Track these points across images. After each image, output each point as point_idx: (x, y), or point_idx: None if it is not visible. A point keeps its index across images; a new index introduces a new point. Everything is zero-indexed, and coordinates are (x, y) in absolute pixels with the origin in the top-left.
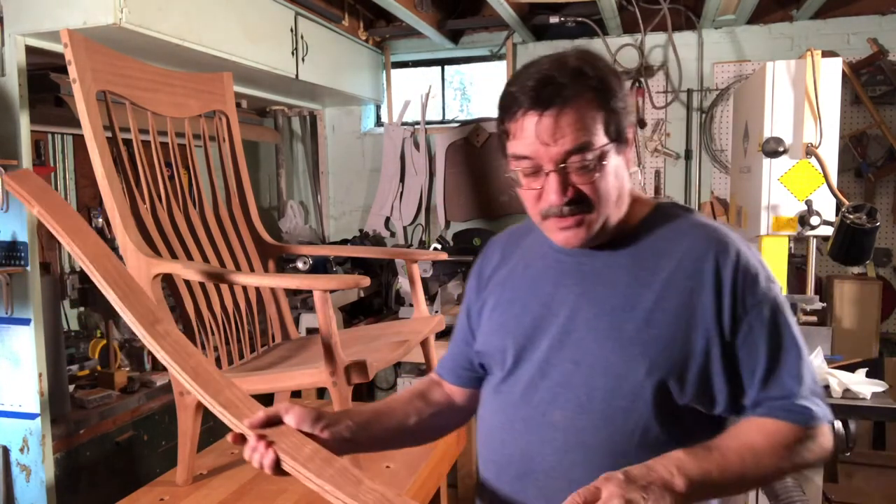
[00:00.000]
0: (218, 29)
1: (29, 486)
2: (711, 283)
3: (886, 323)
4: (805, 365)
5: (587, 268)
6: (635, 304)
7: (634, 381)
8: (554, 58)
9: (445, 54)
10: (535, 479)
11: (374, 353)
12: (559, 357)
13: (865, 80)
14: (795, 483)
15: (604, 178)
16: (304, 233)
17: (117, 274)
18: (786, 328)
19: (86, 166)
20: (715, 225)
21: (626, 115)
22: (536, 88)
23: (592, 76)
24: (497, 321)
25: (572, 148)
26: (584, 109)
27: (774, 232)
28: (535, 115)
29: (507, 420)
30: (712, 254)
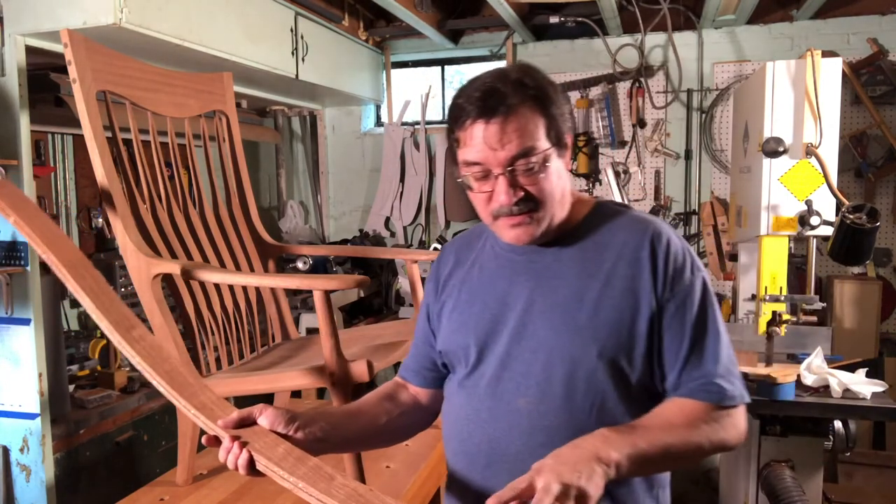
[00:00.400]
0: (218, 29)
1: (29, 486)
2: (649, 267)
3: (886, 323)
4: (723, 346)
5: (538, 265)
6: (584, 294)
7: (588, 364)
8: (496, 72)
9: (445, 54)
10: (505, 464)
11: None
12: (519, 348)
13: (865, 80)
14: (795, 483)
15: (547, 179)
16: (304, 233)
17: (93, 281)
18: (709, 312)
19: (86, 166)
20: (649, 218)
21: (563, 121)
22: (483, 99)
23: (532, 86)
24: (457, 321)
25: (518, 152)
26: (526, 117)
27: (774, 232)
28: (482, 124)
29: (473, 412)
30: (648, 242)
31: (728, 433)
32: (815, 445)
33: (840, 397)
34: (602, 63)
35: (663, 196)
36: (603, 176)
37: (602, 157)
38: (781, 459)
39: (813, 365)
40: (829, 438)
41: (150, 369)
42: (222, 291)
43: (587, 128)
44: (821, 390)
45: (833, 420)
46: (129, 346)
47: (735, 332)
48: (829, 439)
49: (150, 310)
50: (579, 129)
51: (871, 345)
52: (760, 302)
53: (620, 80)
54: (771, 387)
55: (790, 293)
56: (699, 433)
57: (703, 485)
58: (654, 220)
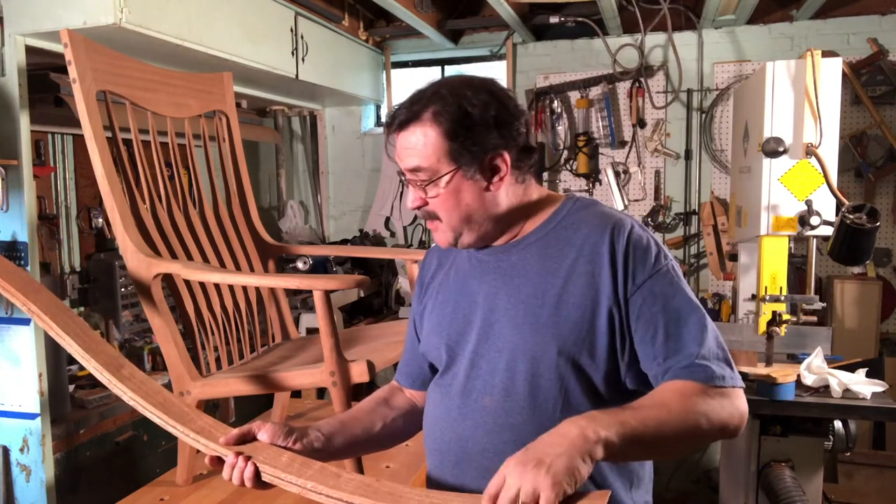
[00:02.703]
0: (218, 29)
1: (29, 486)
2: (608, 262)
3: (886, 323)
4: (707, 331)
5: (504, 264)
6: (545, 291)
7: (549, 361)
8: (431, 85)
9: (445, 54)
10: (473, 461)
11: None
12: (485, 347)
13: (865, 80)
14: (795, 483)
15: (442, 198)
16: (304, 233)
17: (77, 326)
18: (681, 298)
19: (86, 166)
20: (612, 212)
21: (480, 143)
22: (399, 108)
23: (446, 107)
24: (433, 322)
25: (408, 168)
26: (421, 135)
27: (774, 232)
28: (394, 131)
29: (445, 410)
30: (607, 236)
31: (727, 413)
32: (815, 445)
33: (840, 397)
34: (602, 63)
35: (663, 196)
36: (603, 176)
37: (602, 157)
38: (781, 459)
39: (813, 365)
40: (829, 438)
41: (145, 403)
42: (222, 291)
43: (587, 128)
44: (821, 390)
45: (833, 420)
46: (120, 383)
47: (735, 332)
48: (829, 439)
49: (150, 310)
50: (579, 130)
51: (871, 345)
52: (760, 302)
53: (620, 80)
54: (771, 387)
55: (790, 293)
56: (695, 411)
57: (703, 485)
58: (616, 215)
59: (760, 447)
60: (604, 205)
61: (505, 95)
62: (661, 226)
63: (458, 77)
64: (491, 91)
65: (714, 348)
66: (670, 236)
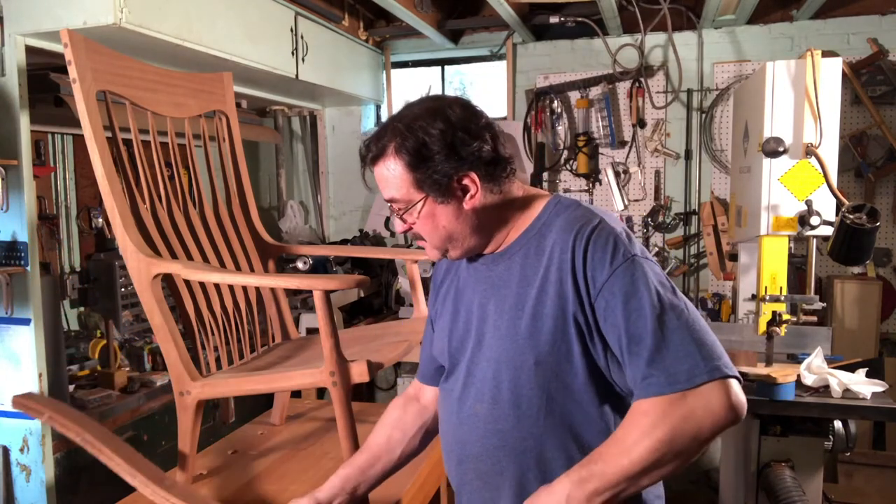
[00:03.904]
0: (218, 29)
1: (29, 486)
2: (570, 268)
3: (886, 323)
4: (666, 325)
5: (493, 273)
6: (524, 301)
7: (529, 371)
8: (396, 115)
9: (445, 54)
10: (471, 464)
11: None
12: (479, 356)
13: (865, 80)
14: (795, 483)
15: (420, 223)
16: (304, 233)
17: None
18: (640, 295)
19: (86, 166)
20: (584, 213)
21: (441, 170)
22: (364, 146)
23: (400, 142)
24: (440, 327)
25: (386, 199)
26: (389, 169)
27: (774, 232)
28: (369, 168)
29: (447, 414)
30: (571, 240)
31: (694, 423)
32: (815, 445)
33: (840, 397)
34: (602, 63)
35: (663, 196)
36: (603, 176)
37: (602, 157)
38: (781, 459)
39: (813, 365)
40: (829, 438)
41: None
42: (222, 291)
43: (587, 128)
44: (821, 390)
45: (833, 420)
46: (166, 492)
47: (735, 332)
48: (829, 439)
49: (150, 310)
50: (579, 130)
51: (871, 345)
52: (760, 302)
53: (620, 80)
54: (771, 387)
55: (790, 293)
56: (653, 444)
57: (702, 485)
58: (586, 215)
59: (760, 447)
60: (584, 205)
61: (464, 116)
62: (661, 226)
63: (416, 107)
64: (446, 117)
65: (677, 342)
66: (670, 236)
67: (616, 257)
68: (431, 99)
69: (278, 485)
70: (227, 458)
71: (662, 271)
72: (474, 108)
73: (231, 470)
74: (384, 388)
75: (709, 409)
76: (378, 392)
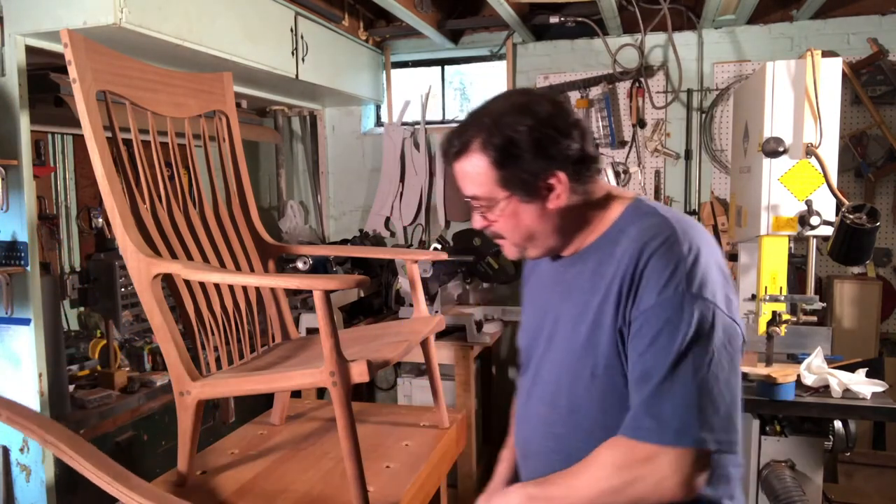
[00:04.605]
0: (218, 29)
1: (29, 486)
2: (629, 282)
3: (886, 323)
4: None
5: (567, 275)
6: (587, 308)
7: (586, 382)
8: (478, 110)
9: (445, 54)
10: (531, 460)
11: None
12: (546, 358)
13: (865, 80)
14: (795, 483)
15: (502, 222)
16: (304, 233)
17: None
18: (674, 335)
19: (86, 166)
20: (658, 221)
21: (529, 169)
22: (447, 140)
23: (486, 138)
24: (523, 321)
25: (467, 195)
26: (473, 166)
27: (774, 232)
28: (451, 163)
29: (518, 409)
30: (637, 252)
31: (648, 486)
32: (815, 445)
33: (840, 397)
34: (602, 63)
35: (663, 196)
36: (603, 176)
37: (602, 157)
38: (781, 459)
39: (813, 365)
40: (829, 438)
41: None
42: (222, 291)
43: None
44: (821, 390)
45: (833, 420)
46: (131, 491)
47: None
48: (829, 439)
49: (150, 310)
50: None
51: (871, 345)
52: (760, 302)
53: (620, 80)
54: (771, 387)
55: (790, 293)
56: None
57: None
58: (659, 227)
59: (760, 447)
60: (663, 212)
61: (552, 114)
62: None
63: (503, 101)
64: (535, 114)
65: (680, 394)
66: None
67: (668, 287)
68: (519, 93)
69: (278, 485)
70: (227, 458)
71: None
72: (563, 105)
73: (231, 470)
74: (384, 388)
75: (667, 480)
76: (378, 392)
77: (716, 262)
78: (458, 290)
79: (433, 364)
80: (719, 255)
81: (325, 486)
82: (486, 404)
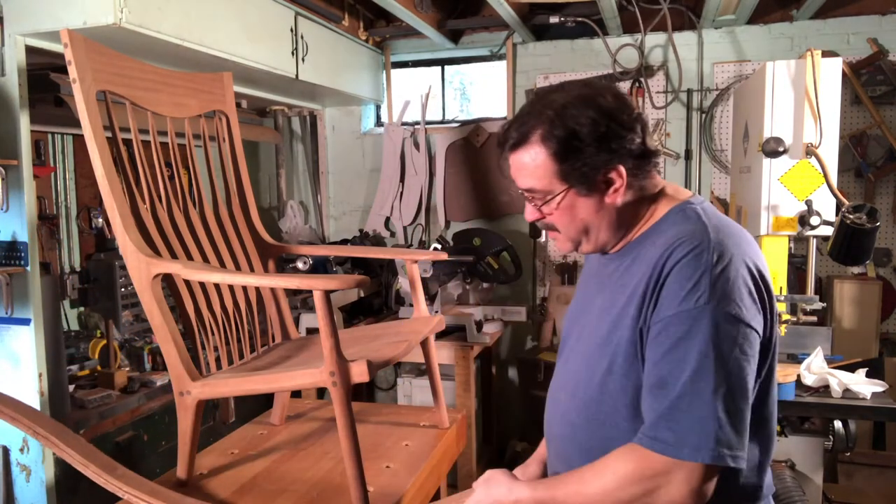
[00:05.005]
0: (218, 29)
1: (29, 486)
2: (653, 285)
3: (886, 323)
4: (704, 390)
5: (608, 269)
6: (614, 305)
7: (602, 377)
8: (532, 101)
9: (445, 54)
10: (553, 443)
11: (374, 353)
12: (577, 348)
13: (865, 80)
14: (795, 483)
15: (558, 215)
16: (304, 233)
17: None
18: (694, 346)
19: (86, 166)
20: (695, 228)
21: (590, 162)
22: (506, 128)
23: (548, 130)
24: (570, 306)
25: (522, 188)
26: (531, 157)
27: (774, 232)
28: (506, 152)
29: (549, 391)
30: (665, 257)
31: (660, 496)
32: (815, 445)
33: (840, 397)
34: (602, 63)
35: None
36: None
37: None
38: (781, 459)
39: (813, 365)
40: (829, 438)
41: (141, 495)
42: (222, 291)
43: None
44: (821, 390)
45: (833, 420)
46: (117, 481)
47: None
48: (829, 439)
49: (150, 310)
50: None
51: (871, 345)
52: None
53: (620, 80)
54: None
55: (790, 293)
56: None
57: None
58: (693, 234)
59: None
60: (705, 218)
61: (616, 107)
62: None
63: (566, 92)
64: (599, 107)
65: (700, 409)
66: None
67: (689, 298)
68: (582, 84)
69: (278, 485)
70: (227, 458)
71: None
72: (625, 98)
73: (231, 470)
74: (384, 388)
75: (681, 491)
76: (378, 392)
77: (748, 274)
78: (458, 290)
79: (433, 364)
80: (756, 265)
81: (326, 487)
82: (486, 404)
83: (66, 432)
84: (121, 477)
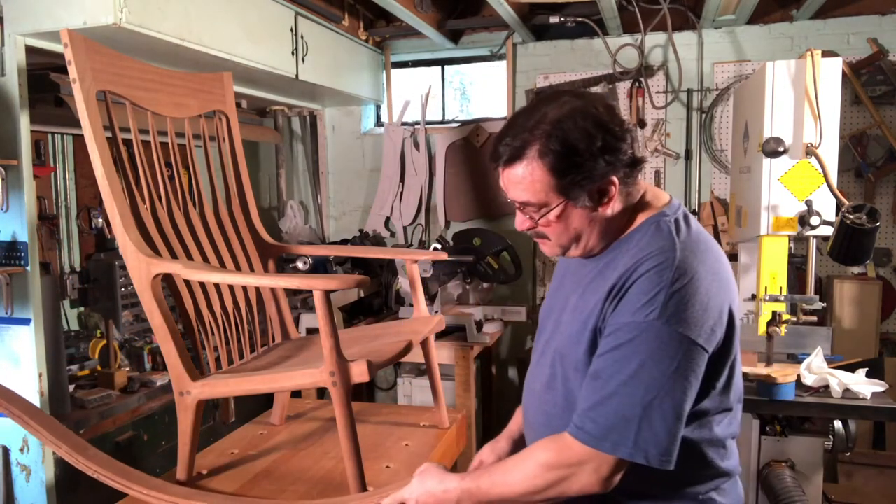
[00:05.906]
0: (218, 29)
1: (29, 486)
2: (617, 292)
3: (886, 323)
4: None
5: (583, 271)
6: (586, 305)
7: (575, 373)
8: (525, 113)
9: (445, 54)
10: (530, 430)
11: (374, 353)
12: (552, 341)
13: (865, 80)
14: (795, 483)
15: (550, 226)
16: (304, 233)
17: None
18: (638, 353)
19: (86, 166)
20: (664, 244)
21: (588, 175)
22: (497, 145)
23: (545, 145)
24: (546, 297)
25: (517, 201)
26: (527, 172)
27: (774, 232)
28: (500, 168)
29: (525, 382)
30: (632, 268)
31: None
32: (815, 445)
33: (840, 397)
34: (602, 63)
35: None
36: None
37: None
38: (781, 459)
39: (813, 365)
40: (829, 438)
41: (111, 475)
42: (222, 291)
43: None
44: (821, 390)
45: (833, 420)
46: (87, 461)
47: None
48: (829, 439)
49: (150, 310)
50: None
51: (871, 345)
52: (760, 302)
53: (620, 80)
54: (771, 387)
55: (790, 293)
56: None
57: None
58: (661, 248)
59: (760, 447)
60: (676, 234)
61: (609, 118)
62: None
63: (558, 104)
64: (595, 119)
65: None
66: None
67: (643, 310)
68: (574, 95)
69: (278, 485)
70: (227, 458)
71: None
72: (614, 107)
73: (231, 470)
74: (384, 388)
75: (591, 479)
76: (378, 392)
77: (706, 294)
78: (458, 290)
79: (433, 364)
80: (720, 286)
81: (326, 486)
82: (486, 404)
83: (39, 413)
84: (92, 457)
